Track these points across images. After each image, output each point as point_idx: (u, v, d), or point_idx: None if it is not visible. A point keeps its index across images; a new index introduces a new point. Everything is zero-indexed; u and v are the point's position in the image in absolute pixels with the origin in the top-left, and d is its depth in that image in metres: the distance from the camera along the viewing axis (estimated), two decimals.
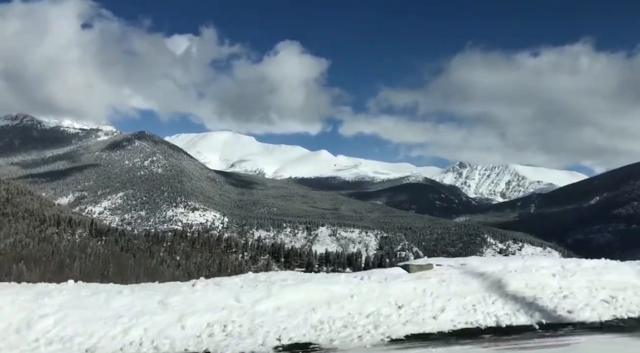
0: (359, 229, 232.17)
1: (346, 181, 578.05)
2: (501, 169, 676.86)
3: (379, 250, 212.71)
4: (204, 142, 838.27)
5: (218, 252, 67.91)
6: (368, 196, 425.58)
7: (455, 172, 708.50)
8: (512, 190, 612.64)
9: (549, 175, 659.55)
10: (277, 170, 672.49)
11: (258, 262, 72.51)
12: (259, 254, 77.17)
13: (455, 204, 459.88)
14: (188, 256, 64.40)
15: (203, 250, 66.44)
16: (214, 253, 57.60)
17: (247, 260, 70.14)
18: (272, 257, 75.63)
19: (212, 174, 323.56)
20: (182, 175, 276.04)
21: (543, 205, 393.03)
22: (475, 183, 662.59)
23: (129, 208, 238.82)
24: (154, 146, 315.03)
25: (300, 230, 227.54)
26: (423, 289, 8.18)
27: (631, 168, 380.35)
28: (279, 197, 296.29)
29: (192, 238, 77.81)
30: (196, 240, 76.81)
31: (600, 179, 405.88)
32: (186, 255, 64.16)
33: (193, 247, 69.00)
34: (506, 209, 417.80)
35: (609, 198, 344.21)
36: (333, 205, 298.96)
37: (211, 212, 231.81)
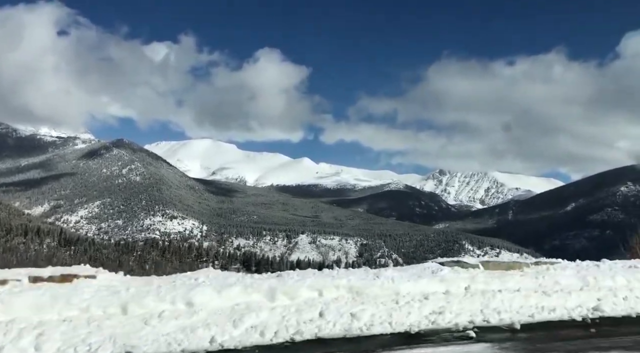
0: (339, 236, 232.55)
1: (328, 188, 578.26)
2: (480, 176, 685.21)
3: (359, 257, 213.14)
4: (184, 150, 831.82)
5: (188, 261, 67.47)
6: (349, 203, 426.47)
7: (435, 179, 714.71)
8: (491, 196, 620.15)
9: (526, 182, 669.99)
10: (259, 178, 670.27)
11: (229, 270, 72.59)
12: (230, 263, 76.87)
13: (435, 211, 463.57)
14: (158, 265, 63.84)
15: (173, 259, 65.97)
16: (184, 263, 57.25)
17: (218, 269, 69.88)
18: (243, 266, 75.29)
19: (192, 182, 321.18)
20: (161, 184, 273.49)
21: (520, 212, 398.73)
22: (455, 190, 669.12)
23: (106, 217, 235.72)
24: (132, 154, 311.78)
25: (280, 238, 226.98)
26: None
27: (605, 175, 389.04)
28: (259, 204, 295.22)
29: (163, 247, 77.11)
30: (167, 249, 76.10)
31: (575, 186, 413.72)
32: (156, 264, 63.66)
33: (163, 256, 68.46)
34: (484, 216, 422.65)
35: (584, 204, 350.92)
36: (314, 213, 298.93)
37: (190, 221, 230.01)
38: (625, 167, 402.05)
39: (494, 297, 7.59)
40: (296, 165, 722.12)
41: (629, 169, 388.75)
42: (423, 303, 7.16)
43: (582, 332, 6.78)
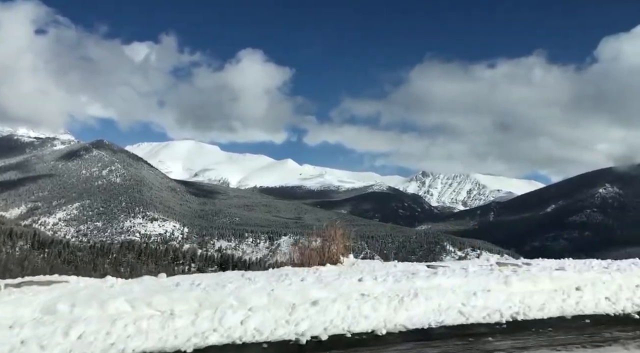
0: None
1: (311, 190, 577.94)
2: (463, 177, 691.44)
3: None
4: (166, 151, 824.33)
5: (165, 263, 66.39)
6: (333, 205, 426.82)
7: (418, 181, 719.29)
8: (473, 198, 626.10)
9: (508, 183, 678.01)
10: (242, 180, 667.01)
11: (205, 273, 71.41)
12: (207, 265, 75.88)
13: (418, 212, 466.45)
14: (133, 268, 62.57)
15: (149, 262, 64.84)
16: (160, 265, 56.21)
17: (194, 271, 68.76)
18: (220, 268, 74.47)
19: (173, 183, 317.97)
20: (142, 185, 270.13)
21: (502, 213, 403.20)
22: (438, 192, 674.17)
23: (85, 219, 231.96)
24: (112, 155, 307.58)
25: (262, 240, 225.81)
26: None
27: (584, 177, 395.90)
28: (241, 206, 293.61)
29: (139, 250, 75.93)
30: (143, 251, 74.98)
31: (555, 188, 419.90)
32: (131, 267, 62.41)
33: (139, 259, 67.32)
34: (466, 217, 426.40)
35: (564, 206, 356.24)
36: (297, 215, 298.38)
37: (171, 223, 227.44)
38: (604, 169, 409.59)
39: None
40: (280, 167, 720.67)
41: (607, 171, 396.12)
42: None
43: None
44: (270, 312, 5.97)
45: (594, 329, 6.37)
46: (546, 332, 6.18)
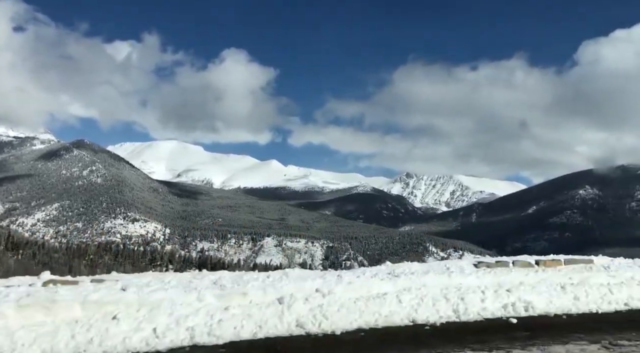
0: (306, 239, 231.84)
1: (296, 191, 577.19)
2: (446, 179, 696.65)
3: (325, 260, 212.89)
4: (149, 151, 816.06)
5: (142, 265, 65.39)
6: (317, 206, 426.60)
7: (402, 182, 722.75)
8: (456, 199, 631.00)
9: (491, 185, 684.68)
10: (226, 180, 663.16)
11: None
12: (186, 267, 74.81)
13: (402, 214, 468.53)
14: (110, 270, 61.13)
15: (126, 264, 63.76)
16: (137, 267, 55.22)
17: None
18: (198, 270, 73.79)
19: (155, 184, 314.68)
20: (123, 186, 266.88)
21: (484, 215, 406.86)
22: (422, 193, 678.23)
23: (65, 219, 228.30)
24: (93, 155, 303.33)
25: (245, 241, 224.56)
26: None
27: (565, 179, 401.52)
28: (225, 207, 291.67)
29: (116, 251, 74.59)
30: (120, 252, 73.66)
31: (537, 189, 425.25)
32: (108, 268, 61.14)
33: (116, 260, 66.18)
34: (449, 218, 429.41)
35: (545, 207, 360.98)
36: (280, 216, 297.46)
37: (152, 223, 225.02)
38: (584, 171, 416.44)
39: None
40: (264, 168, 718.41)
41: (587, 173, 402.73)
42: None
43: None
44: None
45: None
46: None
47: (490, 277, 8.32)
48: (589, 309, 7.84)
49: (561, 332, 6.62)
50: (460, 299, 7.49)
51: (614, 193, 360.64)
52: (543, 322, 7.17)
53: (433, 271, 8.47)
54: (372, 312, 6.86)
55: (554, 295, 7.96)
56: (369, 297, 7.16)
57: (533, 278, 8.46)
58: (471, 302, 7.45)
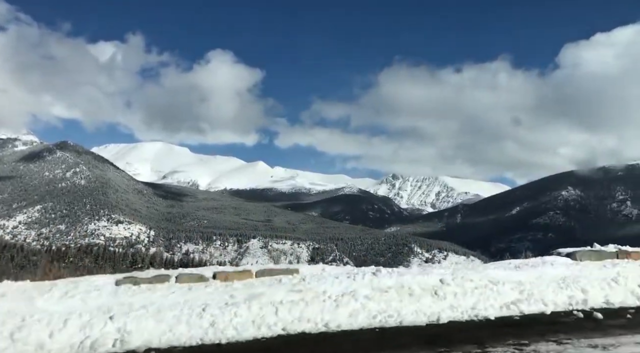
0: (292, 241, 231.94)
1: (282, 192, 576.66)
2: (431, 180, 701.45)
3: (311, 261, 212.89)
4: (134, 152, 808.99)
5: (123, 267, 64.98)
6: (303, 207, 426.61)
7: (388, 184, 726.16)
8: (441, 200, 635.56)
9: (475, 186, 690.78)
10: (212, 182, 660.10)
11: None
12: (167, 269, 74.33)
13: (388, 215, 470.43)
14: (90, 272, 60.66)
15: (106, 266, 63.42)
16: (117, 269, 54.93)
17: None
18: None
19: (140, 185, 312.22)
20: (107, 187, 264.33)
21: (468, 215, 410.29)
22: (407, 194, 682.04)
23: (47, 222, 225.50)
24: (77, 157, 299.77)
25: (230, 243, 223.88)
26: None
27: (548, 180, 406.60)
28: (210, 209, 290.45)
29: (96, 254, 74.06)
30: (101, 255, 73.24)
31: (520, 190, 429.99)
32: (88, 271, 60.65)
33: (96, 263, 65.76)
34: (434, 219, 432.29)
35: (528, 208, 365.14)
36: (266, 217, 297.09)
37: (137, 226, 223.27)
38: (566, 172, 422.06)
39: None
40: (251, 169, 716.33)
41: (570, 174, 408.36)
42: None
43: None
44: None
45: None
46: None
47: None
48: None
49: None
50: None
51: (595, 194, 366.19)
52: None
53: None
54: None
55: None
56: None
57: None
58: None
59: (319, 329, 6.61)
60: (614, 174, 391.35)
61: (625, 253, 9.65)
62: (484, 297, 7.62)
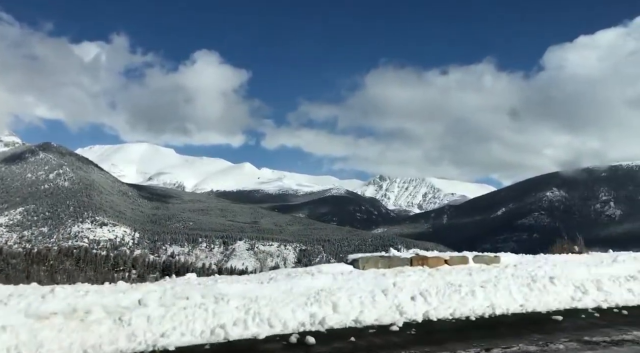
0: (278, 242, 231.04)
1: (269, 194, 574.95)
2: (418, 181, 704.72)
3: (298, 263, 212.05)
4: (119, 154, 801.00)
5: (104, 270, 63.74)
6: (291, 209, 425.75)
7: (375, 185, 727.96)
8: (428, 201, 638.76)
9: (461, 187, 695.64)
10: (198, 183, 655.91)
11: (146, 280, 68.51)
12: (149, 272, 73.18)
13: (375, 216, 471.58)
14: (70, 276, 59.51)
15: (87, 269, 62.06)
16: (98, 272, 53.78)
17: (135, 278, 66.16)
18: (162, 275, 72.28)
19: (125, 187, 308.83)
20: (91, 189, 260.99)
21: (454, 216, 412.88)
22: (395, 196, 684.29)
23: (30, 224, 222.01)
24: (60, 158, 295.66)
25: (217, 245, 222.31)
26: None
27: (532, 181, 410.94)
28: (196, 211, 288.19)
29: (77, 256, 72.54)
30: (82, 258, 71.72)
31: (506, 191, 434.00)
32: (68, 274, 59.43)
33: (77, 266, 64.35)
34: (421, 220, 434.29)
35: (513, 209, 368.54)
36: (253, 219, 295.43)
37: (121, 228, 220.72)
38: (551, 173, 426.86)
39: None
40: (237, 171, 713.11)
41: (554, 175, 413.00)
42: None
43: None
44: None
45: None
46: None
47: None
48: None
49: None
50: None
51: (579, 195, 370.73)
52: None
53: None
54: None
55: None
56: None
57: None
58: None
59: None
60: (597, 174, 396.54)
61: (421, 259, 8.41)
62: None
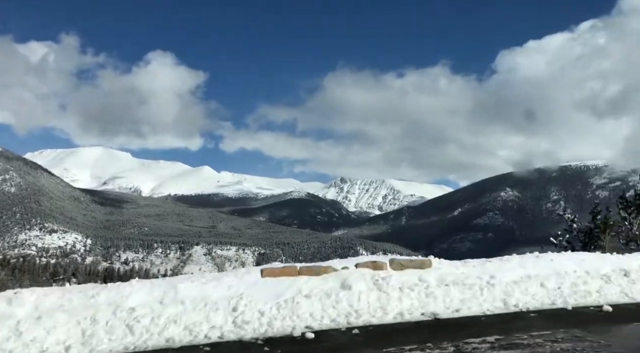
0: (237, 247, 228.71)
1: (229, 198, 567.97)
2: (378, 183, 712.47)
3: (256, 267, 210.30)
4: (72, 158, 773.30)
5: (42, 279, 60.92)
6: (251, 212, 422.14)
7: (337, 187, 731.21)
8: (388, 203, 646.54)
9: (420, 188, 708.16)
10: (155, 188, 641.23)
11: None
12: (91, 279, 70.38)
13: (336, 218, 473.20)
14: (4, 286, 56.21)
15: (24, 278, 59.10)
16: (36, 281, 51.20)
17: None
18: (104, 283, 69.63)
19: (77, 192, 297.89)
20: (40, 195, 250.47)
21: (413, 217, 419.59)
22: (356, 198, 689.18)
23: None
24: (6, 163, 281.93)
25: (173, 250, 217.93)
26: None
27: (487, 182, 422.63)
28: (152, 216, 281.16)
29: (13, 266, 69.01)
30: (18, 267, 68.20)
31: (461, 192, 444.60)
32: (2, 284, 56.12)
33: (13, 276, 61.12)
34: (380, 222, 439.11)
35: (469, 209, 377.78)
36: (211, 223, 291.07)
37: (72, 234, 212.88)
38: (505, 174, 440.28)
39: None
40: (196, 174, 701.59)
41: (508, 175, 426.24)
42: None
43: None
44: None
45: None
46: None
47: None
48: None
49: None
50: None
51: (532, 194, 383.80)
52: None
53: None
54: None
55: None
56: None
57: None
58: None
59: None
60: (548, 174, 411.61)
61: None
62: None
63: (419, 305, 6.50)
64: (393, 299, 6.50)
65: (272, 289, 6.50)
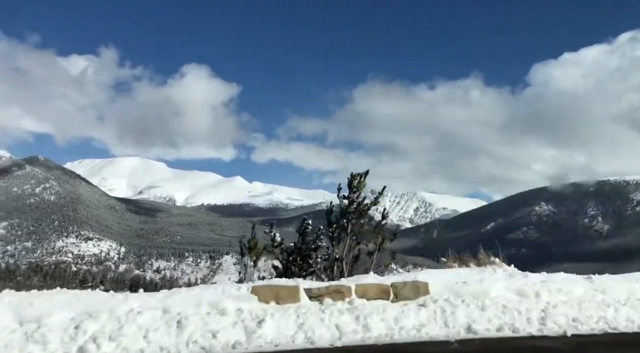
0: (266, 257, 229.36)
1: (260, 208, 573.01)
2: (410, 196, 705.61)
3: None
4: (110, 168, 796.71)
5: (73, 286, 62.60)
6: (280, 223, 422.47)
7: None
8: (420, 216, 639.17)
9: (453, 201, 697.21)
10: (189, 197, 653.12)
11: None
12: (118, 287, 71.98)
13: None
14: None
15: (55, 285, 61.21)
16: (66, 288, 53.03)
17: None
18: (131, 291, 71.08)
19: (113, 201, 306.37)
20: (77, 203, 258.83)
21: (444, 231, 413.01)
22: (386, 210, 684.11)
23: (13, 239, 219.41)
24: (47, 172, 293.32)
25: (203, 259, 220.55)
26: None
27: (521, 196, 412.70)
28: (184, 225, 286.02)
29: (45, 272, 71.51)
30: (50, 273, 70.62)
31: (495, 206, 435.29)
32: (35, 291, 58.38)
33: (45, 282, 63.22)
34: (411, 235, 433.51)
35: (502, 223, 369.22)
36: (242, 233, 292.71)
37: (107, 242, 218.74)
38: (539, 188, 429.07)
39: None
40: (228, 184, 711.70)
41: (542, 190, 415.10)
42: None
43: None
44: None
45: None
46: None
47: None
48: None
49: None
50: None
51: (567, 209, 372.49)
52: None
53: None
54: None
55: None
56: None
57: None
58: None
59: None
60: (585, 189, 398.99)
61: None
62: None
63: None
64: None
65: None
